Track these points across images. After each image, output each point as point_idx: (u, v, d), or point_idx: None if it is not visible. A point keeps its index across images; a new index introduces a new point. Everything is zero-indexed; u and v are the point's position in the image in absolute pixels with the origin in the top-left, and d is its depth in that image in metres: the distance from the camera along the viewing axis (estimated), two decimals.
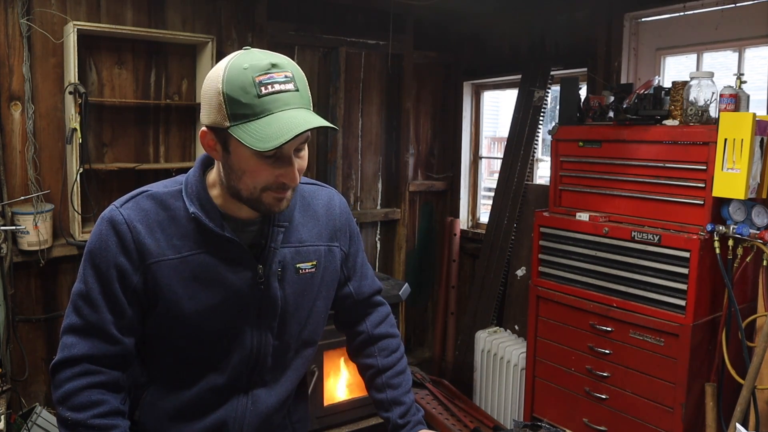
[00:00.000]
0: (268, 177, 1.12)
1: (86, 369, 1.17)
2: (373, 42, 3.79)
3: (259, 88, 1.07)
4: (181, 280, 1.17)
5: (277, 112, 1.08)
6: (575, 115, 2.82)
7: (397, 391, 1.43)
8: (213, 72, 1.12)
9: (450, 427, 3.33)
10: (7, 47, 2.79)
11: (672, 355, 2.36)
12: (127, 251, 1.16)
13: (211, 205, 1.19)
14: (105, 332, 1.17)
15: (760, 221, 2.25)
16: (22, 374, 2.90)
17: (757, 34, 2.67)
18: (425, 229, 4.34)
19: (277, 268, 1.24)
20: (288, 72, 1.12)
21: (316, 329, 1.35)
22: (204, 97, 1.13)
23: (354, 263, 1.42)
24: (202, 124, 1.15)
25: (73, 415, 1.14)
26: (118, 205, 1.19)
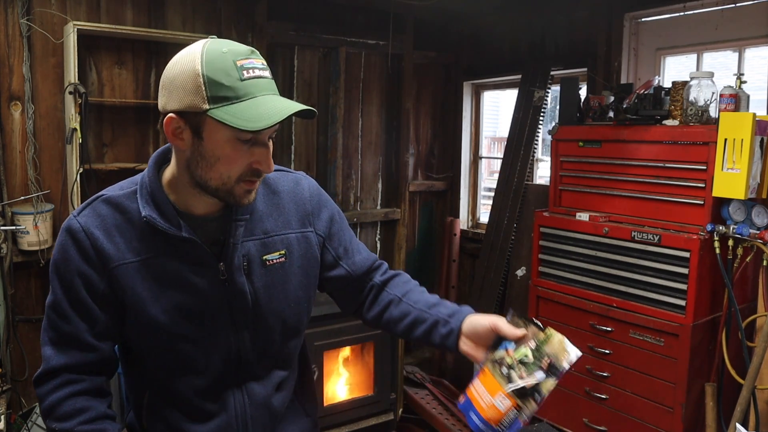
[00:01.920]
0: (243, 164, 1.10)
1: (67, 379, 1.17)
2: (373, 42, 3.79)
3: (241, 71, 1.06)
4: (143, 283, 1.15)
5: (259, 96, 1.07)
6: (575, 115, 2.82)
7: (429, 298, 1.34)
8: (183, 57, 1.09)
9: (450, 427, 3.34)
10: (7, 47, 2.79)
11: (672, 355, 2.36)
12: (89, 258, 1.14)
13: (167, 204, 1.16)
14: (80, 341, 1.17)
15: (760, 221, 2.25)
16: (22, 374, 2.90)
17: (757, 34, 2.67)
18: (425, 229, 4.34)
19: (241, 262, 1.20)
20: (263, 61, 1.11)
21: (299, 317, 1.31)
22: (173, 82, 1.08)
23: (340, 243, 1.36)
24: (168, 111, 1.09)
25: (60, 425, 1.15)
26: (75, 214, 1.18)
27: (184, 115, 1.08)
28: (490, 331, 1.18)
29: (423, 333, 1.29)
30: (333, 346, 3.15)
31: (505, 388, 1.07)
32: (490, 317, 1.20)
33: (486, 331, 1.19)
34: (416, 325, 1.30)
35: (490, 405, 1.04)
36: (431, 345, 1.31)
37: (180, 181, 1.17)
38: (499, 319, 1.18)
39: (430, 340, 1.28)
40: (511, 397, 1.03)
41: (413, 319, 1.31)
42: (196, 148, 1.10)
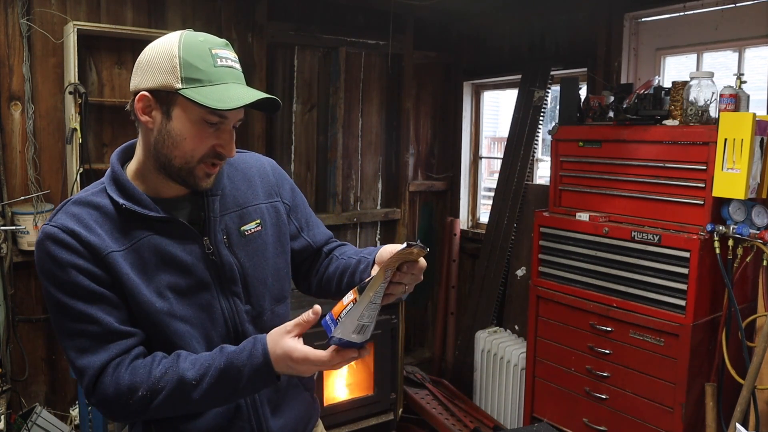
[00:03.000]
0: (207, 145, 1.15)
1: (116, 363, 1.13)
2: (373, 42, 3.79)
3: (215, 59, 1.13)
4: (133, 270, 1.16)
5: (231, 83, 1.14)
6: (575, 115, 2.82)
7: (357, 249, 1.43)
8: (160, 42, 1.15)
9: (450, 427, 3.34)
10: (7, 47, 2.79)
11: (672, 355, 2.36)
12: (80, 253, 1.13)
13: (138, 192, 1.18)
14: (114, 333, 1.14)
15: (760, 221, 2.25)
16: (22, 374, 2.90)
17: (757, 34, 2.67)
18: (425, 229, 4.34)
19: (222, 236, 1.24)
20: (235, 55, 1.18)
21: (282, 285, 1.35)
22: (148, 62, 1.14)
23: (302, 214, 1.43)
24: (139, 89, 1.15)
25: (144, 389, 1.10)
26: (48, 222, 1.16)
27: (156, 93, 1.14)
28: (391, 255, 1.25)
29: (349, 277, 1.36)
30: None
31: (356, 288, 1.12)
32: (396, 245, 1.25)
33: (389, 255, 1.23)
34: (344, 273, 1.37)
35: (340, 302, 1.10)
36: None
37: (145, 167, 1.21)
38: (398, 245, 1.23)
39: (354, 280, 1.35)
40: (355, 292, 1.09)
41: (342, 269, 1.39)
42: (164, 127, 1.15)
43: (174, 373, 1.12)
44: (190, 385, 1.11)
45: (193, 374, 1.11)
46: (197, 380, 1.11)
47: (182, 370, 1.12)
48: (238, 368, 1.12)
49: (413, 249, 1.09)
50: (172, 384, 1.11)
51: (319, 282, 1.46)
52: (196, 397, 1.12)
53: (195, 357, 1.15)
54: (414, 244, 1.09)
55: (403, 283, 1.16)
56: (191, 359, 1.14)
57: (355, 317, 1.08)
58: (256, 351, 1.12)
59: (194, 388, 1.11)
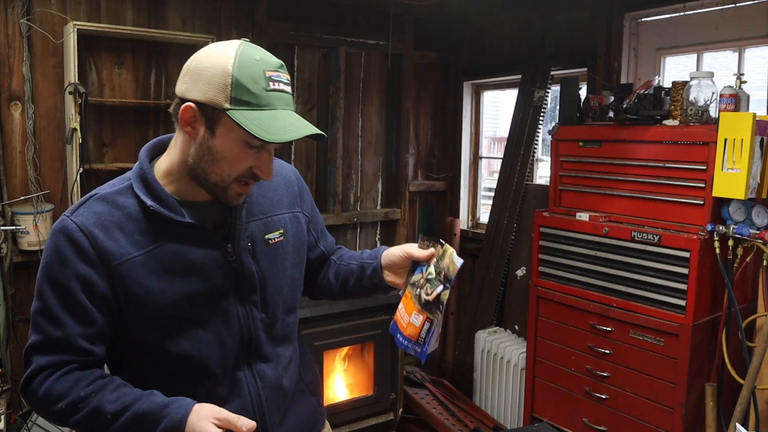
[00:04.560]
0: (245, 166, 1.14)
1: (53, 370, 1.14)
2: (373, 42, 3.79)
3: (268, 82, 1.10)
4: (151, 275, 1.14)
5: (279, 109, 1.11)
6: (575, 115, 2.81)
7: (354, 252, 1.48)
8: (217, 52, 1.11)
9: (450, 427, 3.33)
10: (7, 47, 2.79)
11: (672, 355, 2.36)
12: (88, 258, 1.12)
13: (165, 194, 1.17)
14: (71, 346, 1.14)
15: (760, 221, 2.25)
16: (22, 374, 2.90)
17: (757, 34, 2.67)
18: (425, 229, 4.33)
19: (246, 243, 1.24)
20: (288, 76, 1.16)
21: (295, 295, 1.36)
22: (200, 73, 1.11)
23: (318, 224, 1.46)
24: (187, 99, 1.11)
25: (65, 402, 1.12)
26: (69, 214, 1.15)
27: (203, 107, 1.11)
28: (404, 259, 1.31)
29: (355, 283, 1.40)
30: (333, 346, 3.15)
31: (418, 306, 1.21)
32: (401, 246, 1.32)
33: (400, 259, 1.31)
34: (348, 278, 1.41)
35: (409, 323, 1.18)
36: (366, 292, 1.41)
37: (177, 170, 1.19)
38: (410, 245, 1.30)
39: (363, 286, 1.40)
40: (422, 312, 1.16)
41: (344, 275, 1.42)
42: (205, 142, 1.13)
43: (96, 401, 1.11)
44: (106, 419, 1.11)
45: (112, 408, 1.11)
46: (113, 416, 1.11)
47: (104, 402, 1.11)
48: (154, 421, 1.11)
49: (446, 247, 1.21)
50: (89, 410, 1.11)
51: (318, 286, 1.49)
52: (108, 430, 1.12)
53: (122, 391, 1.14)
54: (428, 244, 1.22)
55: None
56: (118, 392, 1.13)
57: (436, 332, 1.18)
58: (177, 414, 1.11)
59: (109, 423, 1.11)
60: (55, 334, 1.13)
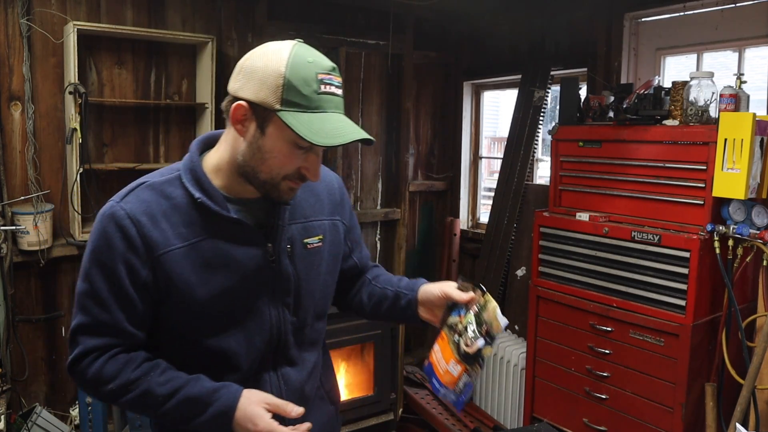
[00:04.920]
0: (294, 167, 1.15)
1: (102, 352, 1.18)
2: (373, 42, 3.79)
3: (319, 84, 1.11)
4: (192, 268, 1.16)
5: (329, 112, 1.12)
6: (575, 115, 2.81)
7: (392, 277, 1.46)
8: (270, 53, 1.12)
9: (450, 427, 3.34)
10: (7, 47, 2.79)
11: (672, 355, 2.36)
12: (134, 246, 1.14)
13: (213, 188, 1.19)
14: (118, 329, 1.17)
15: (760, 221, 2.25)
16: (22, 374, 2.90)
17: (757, 34, 2.67)
18: (425, 229, 4.34)
19: (286, 245, 1.24)
20: (341, 79, 1.17)
21: (326, 302, 1.37)
22: (254, 72, 1.12)
23: (355, 235, 1.46)
24: (239, 97, 1.13)
25: (115, 384, 1.15)
26: (118, 200, 1.17)
27: (255, 106, 1.12)
28: (441, 298, 1.30)
29: (387, 309, 1.41)
30: (333, 346, 3.15)
31: (456, 355, 1.20)
32: (440, 284, 1.31)
33: (438, 298, 1.31)
34: (382, 302, 1.42)
35: (446, 371, 1.17)
36: (397, 320, 1.43)
37: (226, 167, 1.20)
38: (448, 285, 1.29)
39: (395, 314, 1.40)
40: (461, 362, 1.16)
41: (378, 297, 1.42)
42: (255, 141, 1.14)
43: (146, 383, 1.16)
44: (156, 401, 1.15)
45: (162, 391, 1.15)
46: (164, 398, 1.15)
47: (153, 384, 1.16)
48: (204, 404, 1.15)
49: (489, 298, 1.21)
50: (140, 392, 1.16)
51: (349, 302, 1.49)
52: (158, 411, 1.17)
53: (171, 374, 1.18)
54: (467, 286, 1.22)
55: None
56: (166, 375, 1.17)
57: (473, 382, 1.19)
58: (227, 399, 1.15)
59: (159, 404, 1.16)
60: (103, 317, 1.16)
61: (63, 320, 3.06)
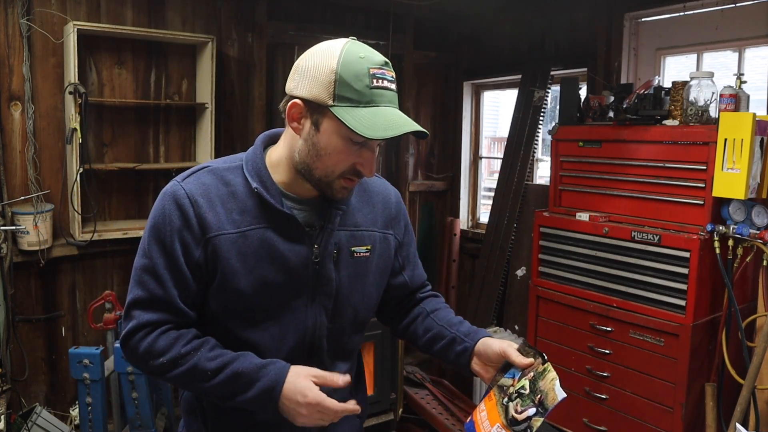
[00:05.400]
0: (349, 163, 1.16)
1: (155, 327, 1.19)
2: (373, 42, 3.78)
3: (372, 79, 1.12)
4: (238, 255, 1.18)
5: (382, 106, 1.13)
6: (575, 115, 2.81)
7: (453, 318, 1.41)
8: (323, 51, 1.15)
9: (450, 427, 3.33)
10: (7, 47, 2.79)
11: (672, 355, 2.36)
12: (190, 225, 1.17)
13: (271, 182, 1.21)
14: (172, 305, 1.19)
15: (760, 221, 2.25)
16: (22, 374, 2.90)
17: (757, 34, 2.67)
18: (425, 229, 4.34)
19: (332, 249, 1.24)
20: (393, 74, 1.17)
21: (367, 314, 1.36)
22: (308, 70, 1.14)
23: (408, 252, 1.44)
24: (294, 96, 1.16)
25: (166, 357, 1.17)
26: (180, 180, 1.21)
27: (309, 104, 1.14)
28: (500, 356, 1.26)
29: (441, 348, 1.37)
30: None
31: (503, 419, 1.16)
32: (502, 342, 1.28)
33: (496, 355, 1.27)
34: (436, 340, 1.38)
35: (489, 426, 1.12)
36: (446, 361, 1.38)
37: (285, 163, 1.22)
38: (510, 346, 1.26)
39: (446, 356, 1.36)
40: (507, 428, 1.11)
41: (434, 334, 1.39)
42: (311, 137, 1.16)
43: (195, 358, 1.17)
44: (205, 375, 1.16)
45: (212, 366, 1.16)
46: (213, 372, 1.16)
47: (203, 359, 1.17)
48: (252, 380, 1.16)
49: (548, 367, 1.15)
50: (190, 366, 1.17)
51: (404, 330, 1.46)
52: (205, 386, 1.17)
53: (219, 350, 1.19)
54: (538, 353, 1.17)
55: None
56: (215, 352, 1.18)
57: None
58: (275, 374, 1.16)
59: (207, 378, 1.16)
60: (158, 292, 1.18)
61: (63, 320, 3.06)
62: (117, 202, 3.15)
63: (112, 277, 3.17)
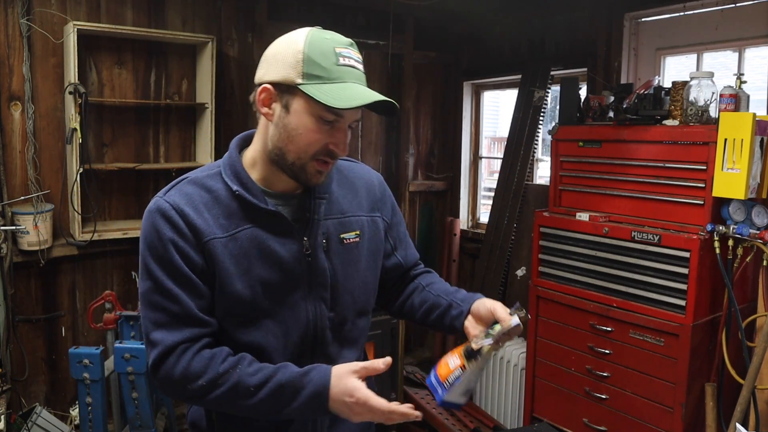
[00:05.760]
0: (321, 142, 1.17)
1: (186, 347, 1.16)
2: (373, 42, 3.79)
3: (338, 57, 1.14)
4: (231, 258, 1.18)
5: (350, 82, 1.15)
6: (575, 115, 2.81)
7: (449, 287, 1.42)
8: (288, 37, 1.18)
9: (450, 427, 3.34)
10: (7, 47, 2.79)
11: (672, 355, 2.36)
12: (183, 234, 1.16)
13: (251, 182, 1.21)
14: (192, 318, 1.17)
15: (760, 221, 2.25)
16: (22, 374, 2.90)
17: (757, 34, 2.67)
18: (425, 229, 4.34)
19: (321, 239, 1.25)
20: (359, 55, 1.20)
21: (368, 299, 1.36)
22: (274, 56, 1.17)
23: (398, 232, 1.45)
24: (263, 82, 1.17)
25: (205, 379, 1.14)
26: (162, 195, 1.21)
27: (278, 86, 1.16)
28: (489, 312, 1.28)
29: (437, 317, 1.38)
30: None
31: (461, 350, 1.19)
32: (495, 302, 1.28)
33: (486, 311, 1.28)
34: (433, 310, 1.39)
35: (445, 363, 1.15)
36: (442, 328, 1.39)
37: (260, 157, 1.23)
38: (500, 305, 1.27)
39: (442, 323, 1.37)
40: (461, 356, 1.14)
41: (431, 304, 1.40)
42: (282, 120, 1.17)
43: (236, 375, 1.14)
44: (248, 392, 1.14)
45: (254, 381, 1.14)
46: (255, 388, 1.14)
47: (245, 375, 1.14)
48: (296, 389, 1.14)
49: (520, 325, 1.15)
50: (232, 384, 1.14)
51: (401, 307, 1.47)
52: (249, 403, 1.14)
53: (258, 365, 1.17)
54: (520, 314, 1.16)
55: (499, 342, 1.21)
56: (255, 366, 1.16)
57: (465, 383, 1.14)
58: (319, 379, 1.14)
59: (251, 395, 1.14)
60: (174, 308, 1.16)
61: (63, 320, 3.06)
62: (117, 202, 3.16)
63: (112, 277, 3.17)
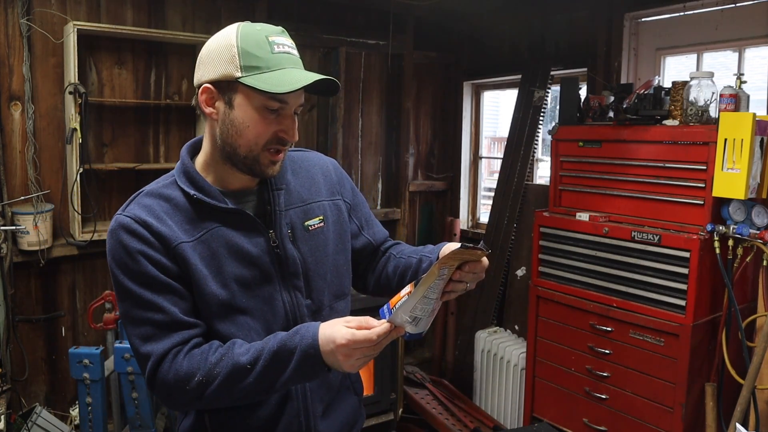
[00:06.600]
0: (270, 131, 1.18)
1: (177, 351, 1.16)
2: (373, 42, 3.79)
3: (272, 46, 1.16)
4: (202, 260, 1.19)
5: (288, 68, 1.16)
6: (575, 115, 2.82)
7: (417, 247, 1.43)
8: (219, 35, 1.19)
9: (450, 427, 3.34)
10: (7, 47, 2.79)
11: (672, 355, 2.36)
12: (150, 243, 1.16)
13: (207, 184, 1.22)
14: (178, 322, 1.16)
15: (760, 221, 2.25)
16: (22, 374, 2.90)
17: (757, 34, 2.67)
18: (425, 229, 4.34)
19: (287, 230, 1.26)
20: (292, 42, 1.21)
21: (342, 282, 1.37)
22: (209, 55, 1.18)
23: (362, 212, 1.46)
24: (202, 83, 1.19)
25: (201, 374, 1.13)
26: (121, 212, 1.21)
27: (218, 84, 1.17)
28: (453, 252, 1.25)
29: (411, 275, 1.38)
30: None
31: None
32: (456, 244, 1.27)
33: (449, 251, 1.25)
34: (406, 271, 1.39)
35: (398, 294, 1.15)
36: None
37: (213, 159, 1.24)
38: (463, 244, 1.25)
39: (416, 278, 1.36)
40: (412, 285, 1.13)
41: (403, 267, 1.41)
42: (227, 117, 1.18)
43: (229, 359, 1.14)
44: (245, 370, 1.13)
45: (247, 359, 1.13)
46: (251, 364, 1.13)
47: (237, 356, 1.14)
48: (290, 350, 1.13)
49: (476, 251, 1.12)
50: (227, 369, 1.13)
51: (377, 281, 1.47)
52: (249, 382, 1.13)
53: (248, 344, 1.17)
54: (474, 246, 1.12)
55: (464, 281, 1.18)
56: (245, 346, 1.16)
57: (408, 309, 1.12)
58: (307, 332, 1.13)
59: (248, 372, 1.13)
60: (158, 317, 1.16)
61: (63, 320, 3.06)
62: (117, 202, 3.15)
63: None
